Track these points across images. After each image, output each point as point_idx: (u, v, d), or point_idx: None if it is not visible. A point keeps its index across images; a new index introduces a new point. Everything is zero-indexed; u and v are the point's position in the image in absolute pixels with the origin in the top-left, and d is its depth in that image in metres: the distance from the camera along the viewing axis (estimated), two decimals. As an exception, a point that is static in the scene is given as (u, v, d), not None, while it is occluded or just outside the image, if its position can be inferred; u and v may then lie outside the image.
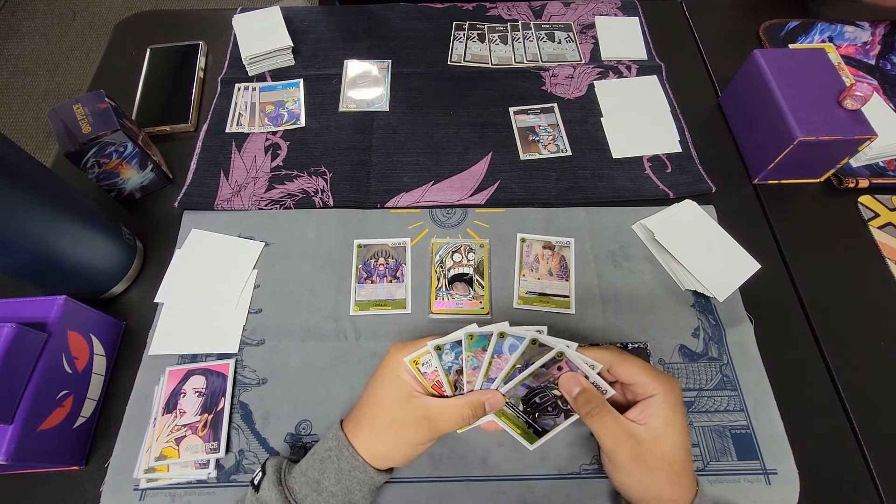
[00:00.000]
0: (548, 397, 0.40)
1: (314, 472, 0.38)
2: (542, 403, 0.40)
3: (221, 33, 0.74)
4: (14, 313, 0.42)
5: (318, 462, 0.38)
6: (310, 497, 0.37)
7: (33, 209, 0.42)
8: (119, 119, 0.52)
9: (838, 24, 0.74)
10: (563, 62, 0.71)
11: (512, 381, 0.39)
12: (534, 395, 0.40)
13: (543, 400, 0.40)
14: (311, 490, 0.37)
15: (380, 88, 0.68)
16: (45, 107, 1.74)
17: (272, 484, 0.37)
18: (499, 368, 0.39)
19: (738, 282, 0.51)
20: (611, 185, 0.60)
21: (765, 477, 0.44)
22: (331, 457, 0.38)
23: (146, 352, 0.49)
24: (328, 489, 0.37)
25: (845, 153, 0.56)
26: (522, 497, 0.43)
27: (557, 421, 0.40)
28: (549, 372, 0.39)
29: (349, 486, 0.37)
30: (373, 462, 0.38)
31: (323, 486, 0.37)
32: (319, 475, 0.37)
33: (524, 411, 0.40)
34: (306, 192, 0.59)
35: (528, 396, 0.40)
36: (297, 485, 0.37)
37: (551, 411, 0.40)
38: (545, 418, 0.40)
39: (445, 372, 0.39)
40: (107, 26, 1.91)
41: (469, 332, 0.39)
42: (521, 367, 0.39)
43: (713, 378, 0.48)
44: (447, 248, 0.55)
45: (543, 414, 0.40)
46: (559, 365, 0.39)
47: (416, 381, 0.40)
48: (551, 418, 0.40)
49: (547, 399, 0.40)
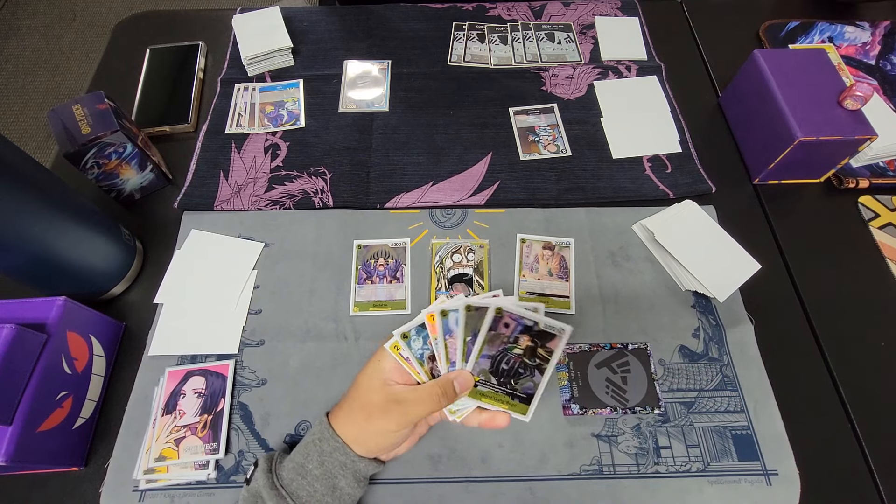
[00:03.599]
0: (512, 359, 0.39)
1: (299, 457, 0.39)
2: (510, 368, 0.39)
3: (221, 33, 0.74)
4: (13, 314, 0.42)
5: (304, 447, 0.39)
6: (295, 482, 0.37)
7: (33, 210, 0.42)
8: (119, 120, 0.52)
9: (838, 24, 0.74)
10: (563, 62, 0.71)
11: (471, 357, 0.38)
12: (499, 363, 0.39)
13: (510, 364, 0.39)
14: (297, 475, 0.38)
15: (379, 89, 0.68)
16: (45, 107, 1.74)
17: (262, 472, 0.38)
18: (455, 348, 0.38)
19: (738, 282, 0.51)
20: (611, 186, 0.60)
21: (765, 477, 0.44)
22: (314, 440, 0.39)
23: (146, 352, 0.49)
24: (312, 472, 0.38)
25: (845, 153, 0.56)
26: (522, 498, 0.43)
27: (535, 380, 0.39)
28: (500, 333, 0.38)
29: (331, 470, 0.38)
30: (356, 448, 0.38)
31: (307, 470, 0.38)
32: (304, 459, 0.38)
33: (499, 383, 0.39)
34: (306, 193, 0.59)
35: (494, 366, 0.39)
36: (284, 471, 0.38)
37: (524, 373, 0.39)
38: (523, 381, 0.39)
39: (418, 360, 0.39)
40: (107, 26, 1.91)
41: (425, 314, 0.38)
42: (470, 339, 0.38)
43: (713, 378, 0.48)
44: (447, 249, 0.55)
45: (518, 378, 0.39)
46: (504, 322, 0.38)
47: (399, 371, 0.39)
48: (528, 379, 0.39)
49: (513, 361, 0.39)
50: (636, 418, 0.47)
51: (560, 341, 0.38)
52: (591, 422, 0.46)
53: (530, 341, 0.39)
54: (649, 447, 0.45)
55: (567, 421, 0.46)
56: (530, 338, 0.39)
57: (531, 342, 0.39)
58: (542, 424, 0.46)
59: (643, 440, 0.46)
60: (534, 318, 0.38)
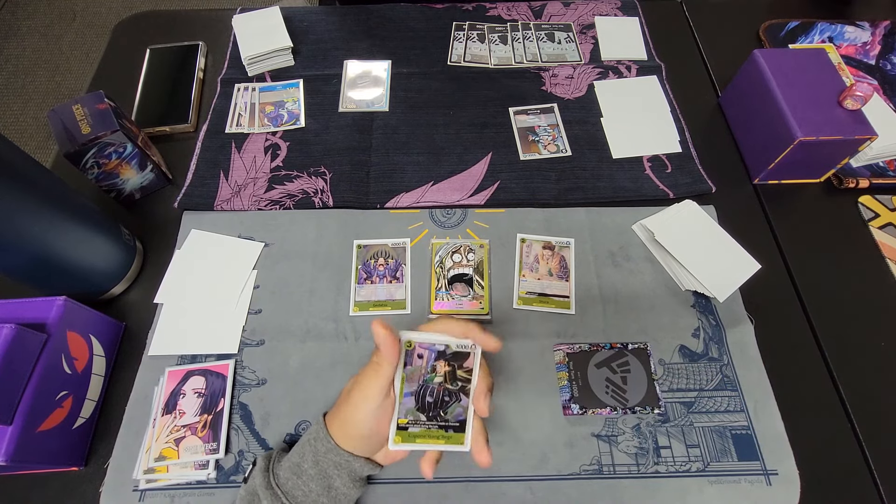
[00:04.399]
0: (434, 389, 0.37)
1: (296, 457, 0.39)
2: (435, 399, 0.37)
3: (221, 33, 0.74)
4: (14, 314, 0.42)
5: (300, 447, 0.39)
6: (291, 481, 0.37)
7: (33, 210, 0.42)
8: (119, 119, 0.52)
9: (838, 24, 0.74)
10: (563, 62, 0.71)
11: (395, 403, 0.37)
12: (423, 398, 0.37)
13: (434, 395, 0.37)
14: (293, 474, 0.38)
15: (379, 89, 0.68)
16: (45, 107, 1.74)
17: (260, 470, 0.38)
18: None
19: (738, 282, 0.51)
20: (611, 186, 0.60)
21: (765, 477, 0.44)
22: (309, 440, 0.39)
23: (146, 352, 0.49)
24: (307, 472, 0.38)
25: (845, 153, 0.56)
26: (522, 498, 0.43)
27: (463, 403, 0.37)
28: (416, 367, 0.37)
29: (326, 470, 0.38)
30: (344, 445, 0.38)
31: (303, 470, 0.38)
32: (300, 458, 0.38)
33: (429, 419, 0.37)
34: (306, 193, 0.59)
35: (420, 402, 0.37)
36: (281, 470, 0.38)
37: (450, 400, 0.37)
38: (451, 409, 0.38)
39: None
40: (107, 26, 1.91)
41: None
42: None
43: (713, 378, 0.48)
44: (447, 249, 0.55)
45: (446, 407, 0.37)
46: (418, 353, 0.37)
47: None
48: (456, 405, 0.37)
49: (436, 391, 0.37)
50: (636, 418, 0.47)
51: (475, 358, 0.37)
52: (590, 422, 0.46)
53: (447, 365, 0.37)
54: (649, 447, 0.45)
55: (567, 421, 0.46)
56: (446, 362, 0.37)
57: (448, 366, 0.37)
58: (542, 424, 0.46)
59: (643, 440, 0.46)
60: (443, 340, 0.37)
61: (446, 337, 0.37)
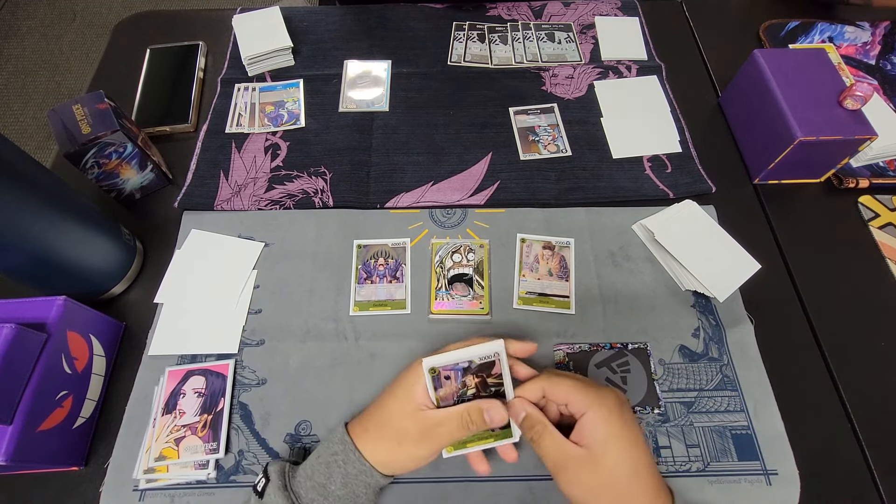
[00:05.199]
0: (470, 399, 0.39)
1: (320, 477, 0.37)
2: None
3: (221, 33, 0.74)
4: (13, 313, 0.42)
5: (324, 467, 0.38)
6: (316, 501, 0.37)
7: (33, 210, 0.42)
8: (119, 119, 0.52)
9: (838, 24, 0.74)
10: (563, 62, 0.71)
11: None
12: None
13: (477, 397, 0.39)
14: (318, 494, 0.37)
15: (380, 89, 0.68)
16: (45, 107, 1.74)
17: (277, 489, 0.37)
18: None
19: (738, 282, 0.51)
20: (611, 185, 0.60)
21: (765, 477, 0.44)
22: (337, 461, 0.38)
23: (146, 352, 0.49)
24: (334, 493, 0.37)
25: (845, 153, 0.56)
26: (522, 498, 0.43)
27: (503, 401, 0.39)
28: (445, 388, 0.38)
29: (355, 490, 0.37)
30: (376, 467, 0.38)
31: (329, 491, 0.37)
32: (326, 479, 0.37)
33: None
34: (306, 193, 0.59)
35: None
36: (302, 489, 0.37)
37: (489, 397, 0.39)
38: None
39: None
40: (107, 26, 1.91)
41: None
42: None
43: (713, 378, 0.48)
44: (447, 249, 0.55)
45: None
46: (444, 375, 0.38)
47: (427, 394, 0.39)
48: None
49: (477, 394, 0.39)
50: (636, 418, 0.47)
51: (501, 363, 0.38)
52: (591, 422, 0.46)
53: (476, 377, 0.38)
54: (649, 447, 0.45)
55: (567, 421, 0.47)
56: (474, 375, 0.38)
57: (477, 377, 0.38)
58: (542, 424, 0.46)
59: (643, 440, 0.46)
60: (464, 357, 0.37)
61: (466, 352, 0.37)
